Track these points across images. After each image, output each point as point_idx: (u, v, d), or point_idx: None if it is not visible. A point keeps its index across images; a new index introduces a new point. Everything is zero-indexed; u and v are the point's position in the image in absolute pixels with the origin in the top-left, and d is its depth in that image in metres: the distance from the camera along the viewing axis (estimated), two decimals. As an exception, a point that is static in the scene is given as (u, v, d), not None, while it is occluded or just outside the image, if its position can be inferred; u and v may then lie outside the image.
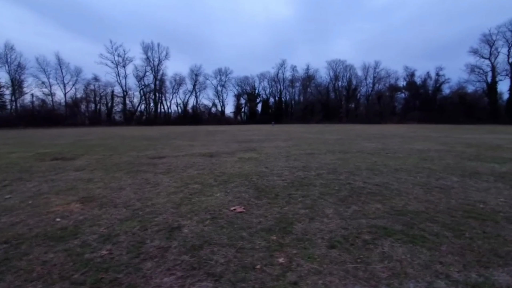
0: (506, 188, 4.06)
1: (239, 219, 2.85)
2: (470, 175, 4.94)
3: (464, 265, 1.95)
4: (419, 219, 2.82)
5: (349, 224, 2.71)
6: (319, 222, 2.76)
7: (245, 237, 2.42)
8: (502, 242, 2.30)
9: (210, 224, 2.72)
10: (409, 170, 5.35)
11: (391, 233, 2.49)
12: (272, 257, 2.09)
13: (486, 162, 6.34)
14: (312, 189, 4.00)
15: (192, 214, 2.98)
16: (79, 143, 12.83)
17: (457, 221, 2.77)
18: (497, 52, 50.61)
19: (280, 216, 2.93)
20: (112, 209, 3.20)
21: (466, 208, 3.16)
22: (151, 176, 4.98)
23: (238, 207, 3.14)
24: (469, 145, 10.21)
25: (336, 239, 2.38)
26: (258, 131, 25.11)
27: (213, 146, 10.50)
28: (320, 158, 7.01)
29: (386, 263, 1.98)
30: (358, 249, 2.21)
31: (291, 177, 4.78)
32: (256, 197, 3.61)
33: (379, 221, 2.78)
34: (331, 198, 3.56)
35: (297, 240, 2.37)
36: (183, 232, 2.53)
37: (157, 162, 6.61)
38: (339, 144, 11.17)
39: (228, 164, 6.26)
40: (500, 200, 3.46)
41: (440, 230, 2.55)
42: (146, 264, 2.01)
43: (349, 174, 5.03)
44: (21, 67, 49.58)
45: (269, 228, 2.63)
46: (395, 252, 2.15)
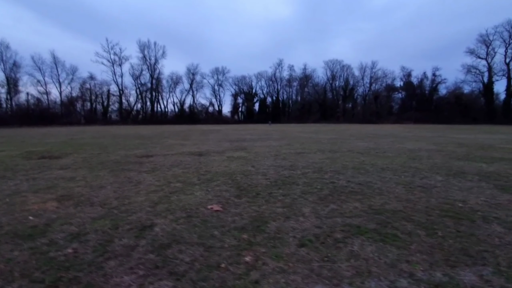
0: (489, 187, 4.05)
1: (214, 217, 2.82)
2: (455, 174, 4.94)
3: (431, 264, 1.93)
4: (395, 218, 2.81)
5: (324, 223, 2.69)
6: (294, 221, 2.73)
7: (216, 236, 2.39)
8: (474, 242, 2.29)
9: (183, 222, 2.69)
10: (395, 169, 5.34)
11: (364, 231, 2.47)
12: (239, 256, 2.06)
13: (475, 161, 6.35)
14: (294, 188, 3.97)
15: (168, 213, 2.95)
16: (70, 141, 12.73)
17: (432, 220, 2.76)
18: (494, 52, 50.91)
19: (256, 215, 2.90)
20: (88, 207, 3.15)
21: (444, 207, 3.14)
22: (135, 174, 4.94)
23: (215, 206, 3.11)
24: (460, 145, 10.24)
25: (308, 238, 2.35)
26: (254, 130, 25.08)
27: (205, 145, 10.45)
28: (309, 157, 6.99)
29: (352, 262, 1.96)
30: (327, 247, 2.18)
31: (275, 176, 4.75)
32: (236, 196, 3.58)
33: (354, 219, 2.76)
34: (312, 197, 3.53)
35: (268, 239, 2.34)
36: (154, 231, 2.50)
37: (144, 161, 6.56)
38: (331, 143, 11.17)
39: (215, 163, 6.22)
40: (481, 199, 3.45)
41: (414, 229, 2.53)
42: (109, 263, 1.97)
43: (334, 173, 5.01)
44: (16, 65, 49.20)
45: (242, 227, 2.60)
46: (364, 250, 2.12)
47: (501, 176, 4.80)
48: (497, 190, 3.90)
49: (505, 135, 16.74)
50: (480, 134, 18.25)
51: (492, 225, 2.65)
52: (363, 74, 67.47)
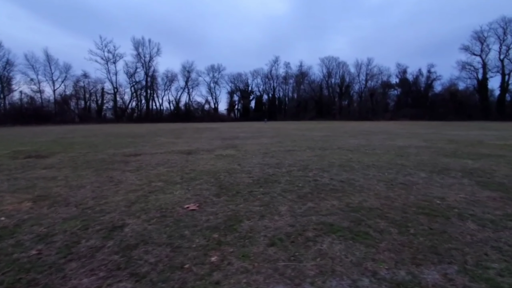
0: (470, 184, 4.06)
1: (188, 217, 2.79)
2: (439, 171, 4.95)
3: (396, 262, 1.92)
4: (370, 215, 2.79)
5: (298, 221, 2.67)
6: (269, 220, 2.71)
7: (186, 236, 2.36)
8: (445, 239, 2.28)
9: (156, 222, 2.65)
10: (380, 167, 5.34)
11: (336, 230, 2.46)
12: (206, 256, 2.03)
13: (461, 158, 6.37)
14: (276, 186, 3.95)
15: (142, 213, 2.91)
16: (61, 140, 12.60)
17: (407, 217, 2.75)
18: (488, 49, 51.15)
19: (232, 214, 2.87)
20: (62, 208, 3.10)
21: (422, 204, 3.14)
22: (118, 174, 4.88)
23: (192, 205, 3.08)
24: (451, 142, 10.29)
25: (279, 237, 2.33)
26: (249, 128, 25.03)
27: (196, 143, 10.40)
28: (297, 155, 6.97)
29: (318, 261, 1.94)
30: (296, 246, 2.16)
31: (259, 174, 4.73)
32: (215, 195, 3.55)
33: (329, 218, 2.74)
34: (291, 195, 3.51)
35: (239, 238, 2.31)
36: (124, 231, 2.46)
37: (131, 159, 6.50)
38: (323, 141, 11.16)
39: (202, 161, 6.18)
40: (460, 196, 3.46)
41: (387, 227, 2.51)
42: (71, 264, 1.93)
43: (319, 170, 4.99)
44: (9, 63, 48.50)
45: (215, 226, 2.57)
46: (332, 249, 2.11)
47: (485, 172, 4.81)
48: (478, 186, 3.90)
49: (497, 132, 16.85)
50: (473, 130, 18.36)
51: (466, 222, 2.65)
52: (359, 71, 67.54)
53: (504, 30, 48.07)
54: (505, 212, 2.89)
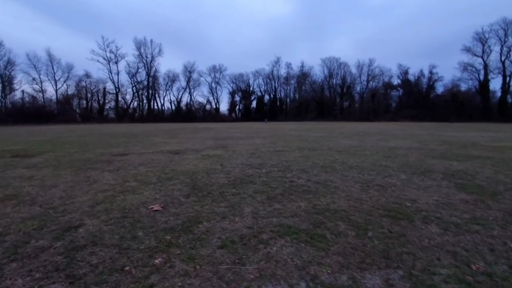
0: (448, 186, 3.99)
1: (148, 218, 2.75)
2: (421, 173, 4.88)
3: (342, 266, 1.87)
4: (333, 217, 2.74)
5: (258, 223, 2.62)
6: (229, 221, 2.66)
7: (139, 237, 2.33)
8: (401, 243, 2.22)
9: (113, 223, 2.62)
10: (363, 168, 5.28)
11: (293, 232, 2.41)
12: (150, 258, 1.99)
13: (448, 159, 6.29)
14: (249, 187, 3.91)
15: (103, 213, 2.88)
16: (55, 140, 12.64)
17: (370, 220, 2.69)
18: (490, 50, 50.78)
19: (194, 215, 2.83)
20: (26, 207, 3.09)
21: (390, 206, 3.08)
22: (97, 173, 4.86)
23: (156, 206, 3.04)
24: (444, 143, 10.19)
25: (232, 239, 2.29)
26: (247, 128, 25.00)
27: (188, 143, 10.38)
28: (284, 156, 6.93)
29: (261, 264, 1.89)
30: (246, 249, 2.12)
31: (238, 174, 4.69)
32: (185, 195, 3.51)
33: (290, 220, 2.69)
34: (261, 196, 3.47)
35: (191, 240, 2.27)
36: (77, 232, 2.43)
37: (116, 159, 6.49)
38: (316, 141, 11.10)
39: (186, 161, 6.15)
40: (433, 199, 3.39)
41: (345, 229, 2.46)
42: (11, 265, 1.90)
43: (299, 171, 4.94)
44: (11, 63, 48.89)
45: (171, 227, 2.53)
46: (281, 252, 2.06)
47: (467, 174, 4.74)
48: (455, 189, 3.84)
49: (495, 133, 16.68)
50: (471, 132, 18.19)
51: (429, 225, 2.59)
52: (360, 72, 67.31)
53: (505, 31, 47.76)
54: (473, 216, 2.83)
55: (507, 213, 2.93)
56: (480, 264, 1.92)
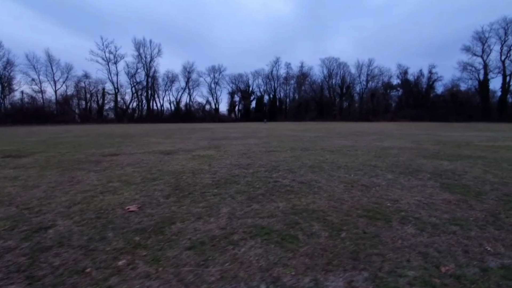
0: (434, 186, 3.96)
1: (123, 219, 2.72)
2: (409, 172, 4.84)
3: (307, 268, 1.83)
4: (309, 218, 2.70)
5: (232, 223, 2.58)
6: (203, 222, 2.63)
7: (107, 238, 2.29)
8: (373, 244, 2.18)
9: (85, 224, 2.58)
10: (351, 168, 5.24)
11: (265, 233, 2.37)
12: (114, 260, 1.96)
13: (439, 159, 6.25)
14: (232, 187, 3.87)
15: (78, 214, 2.84)
16: (50, 140, 12.63)
17: (347, 220, 2.65)
18: (490, 49, 50.67)
19: (169, 216, 2.80)
20: (2, 208, 3.06)
21: (370, 207, 3.04)
22: (82, 174, 4.83)
23: (133, 207, 3.01)
24: (438, 143, 10.14)
25: (202, 240, 2.25)
26: (245, 128, 24.97)
27: (181, 144, 10.35)
28: (275, 156, 6.89)
29: (225, 266, 1.86)
30: (214, 250, 2.08)
31: (224, 175, 4.65)
32: (166, 196, 3.48)
33: (265, 220, 2.66)
34: (242, 196, 3.43)
35: (160, 242, 2.24)
36: (47, 233, 2.39)
37: (105, 159, 6.46)
38: (311, 141, 11.06)
39: (176, 161, 6.12)
40: (415, 199, 3.35)
41: (319, 230, 2.43)
42: (-29, 267, 1.86)
43: (286, 171, 4.91)
44: (10, 63, 48.95)
45: (143, 228, 2.49)
46: (248, 253, 2.02)
47: (455, 174, 4.70)
48: (440, 189, 3.80)
49: (493, 133, 16.63)
50: (470, 131, 18.14)
51: (406, 226, 2.55)
52: (360, 72, 67.27)
53: (506, 30, 47.65)
54: (453, 216, 2.79)
55: (489, 213, 2.89)
56: (450, 266, 1.88)
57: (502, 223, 2.63)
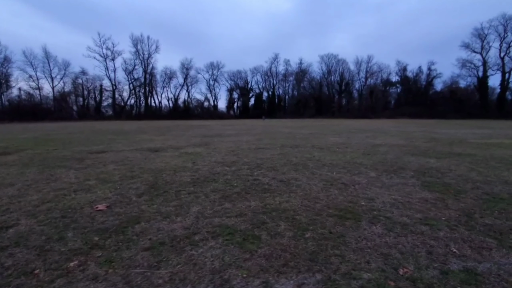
0: (414, 184, 3.91)
1: (87, 218, 2.66)
2: (394, 170, 4.79)
3: (261, 270, 1.78)
4: (277, 217, 2.65)
5: (198, 223, 2.53)
6: (168, 222, 2.58)
7: (66, 238, 2.24)
8: (336, 245, 2.14)
9: (48, 223, 2.53)
10: (335, 165, 5.19)
11: (229, 233, 2.32)
12: (67, 261, 1.91)
13: (427, 157, 6.20)
14: (209, 185, 3.82)
15: (44, 213, 2.79)
16: (42, 137, 12.56)
17: (316, 220, 2.60)
18: (489, 46, 50.34)
19: (136, 215, 2.74)
20: (-31, 207, 2.99)
21: (343, 206, 2.99)
22: (62, 171, 4.78)
23: (102, 205, 2.95)
24: (431, 140, 10.08)
25: (162, 241, 2.20)
26: (242, 125, 24.88)
27: (173, 141, 10.29)
28: (262, 153, 6.83)
29: (178, 268, 1.81)
30: (171, 251, 2.03)
31: (205, 173, 4.59)
32: (139, 194, 3.43)
33: (233, 220, 2.60)
34: (216, 195, 3.38)
35: (119, 242, 2.19)
36: (7, 232, 2.35)
37: (91, 157, 6.40)
38: (304, 138, 11.00)
39: (161, 159, 6.06)
40: (392, 198, 3.31)
41: (284, 230, 2.38)
42: None
43: (269, 169, 4.85)
44: (7, 60, 48.67)
45: (106, 228, 2.44)
46: (206, 254, 1.97)
47: (439, 172, 4.65)
48: (420, 187, 3.75)
49: (489, 130, 16.56)
50: (466, 128, 18.07)
51: (375, 226, 2.50)
52: (359, 69, 66.93)
53: (505, 27, 47.30)
54: (426, 216, 2.74)
55: (463, 213, 2.84)
56: (409, 268, 1.83)
57: (474, 224, 2.58)
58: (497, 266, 1.86)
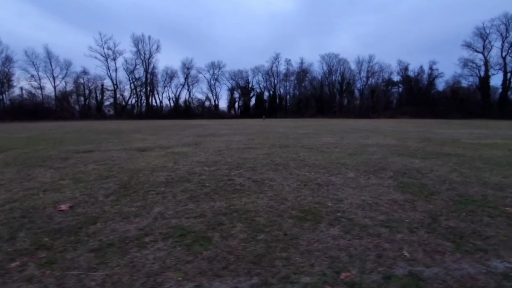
0: (390, 185, 3.87)
1: (46, 218, 2.65)
2: (374, 171, 4.74)
3: (199, 273, 1.75)
4: (237, 218, 2.62)
5: (154, 224, 2.51)
6: (125, 222, 2.56)
7: (16, 239, 2.23)
8: (285, 247, 2.10)
9: (5, 223, 2.54)
10: (317, 166, 5.14)
11: (181, 234, 2.30)
12: (9, 262, 1.90)
13: (414, 157, 6.13)
14: (182, 185, 3.80)
15: (4, 213, 2.79)
16: (37, 136, 12.62)
17: (275, 221, 2.57)
18: (491, 45, 49.84)
19: (96, 215, 2.72)
20: None
21: (309, 206, 2.96)
22: (41, 171, 4.78)
23: (64, 205, 2.94)
24: (423, 140, 9.99)
25: (112, 242, 2.18)
26: (240, 125, 24.87)
27: (164, 140, 10.29)
28: (249, 153, 6.80)
29: (115, 270, 1.78)
30: (116, 253, 2.01)
31: (182, 173, 4.57)
32: (107, 194, 3.41)
33: (191, 220, 2.58)
34: (184, 195, 3.36)
35: (68, 243, 2.17)
36: (-41, 233, 2.32)
37: (76, 156, 6.41)
38: (296, 138, 10.95)
39: (145, 158, 6.05)
40: (361, 199, 3.26)
41: (239, 232, 2.35)
42: None
43: (248, 169, 4.82)
44: (9, 59, 49.04)
45: (60, 228, 2.42)
46: (148, 256, 1.95)
47: (419, 173, 4.59)
48: (395, 188, 3.70)
49: (488, 130, 16.40)
50: (465, 128, 17.91)
51: (333, 227, 2.46)
52: (360, 68, 66.60)
53: (507, 26, 46.78)
54: (389, 218, 2.70)
55: (429, 215, 2.79)
56: (353, 272, 1.79)
57: (437, 226, 2.53)
58: (445, 272, 1.81)
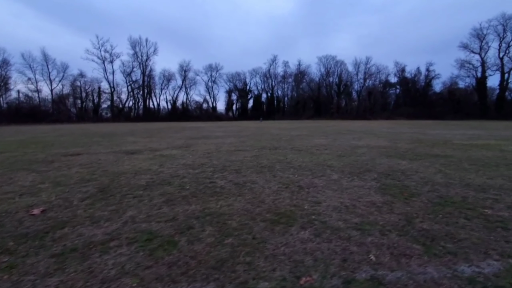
0: (371, 187, 3.85)
1: (15, 222, 2.61)
2: (359, 173, 4.72)
3: (155, 279, 1.72)
4: (208, 222, 2.59)
5: (122, 229, 2.48)
6: (94, 227, 2.52)
7: (-21, 245, 2.17)
8: (250, 251, 2.07)
9: (-30, 229, 2.47)
10: (303, 168, 5.12)
11: (147, 239, 2.26)
12: (-36, 269, 1.83)
13: (401, 158, 6.12)
14: (161, 188, 3.76)
15: (-26, 218, 2.72)
16: (29, 139, 12.56)
17: (246, 225, 2.54)
18: (488, 46, 50.14)
19: (66, 220, 2.69)
20: None
21: (284, 209, 2.93)
22: (23, 174, 4.74)
23: (37, 210, 2.90)
24: (415, 141, 9.99)
25: (75, 247, 2.15)
26: (235, 127, 24.85)
27: (155, 143, 10.25)
28: (237, 155, 6.77)
29: (70, 276, 1.76)
30: (76, 259, 1.97)
31: (165, 176, 4.54)
32: (83, 198, 3.37)
33: (161, 224, 2.54)
34: (161, 198, 3.32)
35: (32, 247, 2.13)
36: None
37: (63, 159, 6.37)
38: (288, 140, 10.94)
39: (131, 161, 6.01)
40: (340, 201, 3.24)
41: (207, 236, 2.32)
42: None
43: (232, 172, 4.79)
44: (5, 62, 48.93)
45: (27, 233, 2.39)
46: (108, 262, 1.92)
47: (403, 174, 4.58)
48: (376, 190, 3.68)
49: (482, 131, 16.43)
50: (460, 129, 17.95)
51: (305, 231, 2.43)
52: (357, 70, 66.87)
53: (504, 27, 47.09)
54: (363, 220, 2.67)
55: (405, 217, 2.77)
56: (314, 277, 1.76)
57: (410, 229, 2.50)
58: (409, 276, 1.79)
